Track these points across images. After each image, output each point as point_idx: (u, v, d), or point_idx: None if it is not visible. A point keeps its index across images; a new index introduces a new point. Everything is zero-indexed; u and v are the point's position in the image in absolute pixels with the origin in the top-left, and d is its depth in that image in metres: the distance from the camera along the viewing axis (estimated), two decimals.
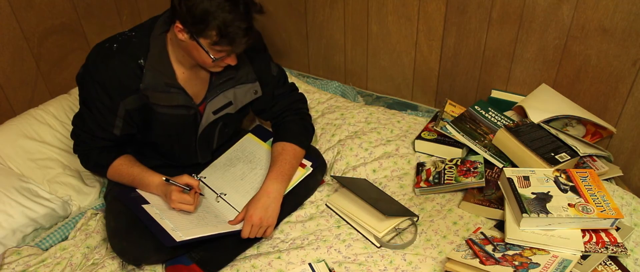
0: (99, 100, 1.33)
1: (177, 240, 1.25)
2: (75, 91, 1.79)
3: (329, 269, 1.33)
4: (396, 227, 1.43)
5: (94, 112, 1.35)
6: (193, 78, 1.39)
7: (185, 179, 1.39)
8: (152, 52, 1.32)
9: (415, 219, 1.45)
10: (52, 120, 1.68)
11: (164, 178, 1.39)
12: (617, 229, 1.31)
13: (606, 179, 1.54)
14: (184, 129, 1.44)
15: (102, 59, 1.32)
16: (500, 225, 1.38)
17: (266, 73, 1.52)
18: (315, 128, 1.82)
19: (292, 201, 1.53)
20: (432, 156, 1.66)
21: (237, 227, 1.39)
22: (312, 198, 1.58)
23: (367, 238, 1.42)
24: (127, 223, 1.37)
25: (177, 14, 1.22)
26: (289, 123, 1.56)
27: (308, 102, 1.94)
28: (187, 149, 1.51)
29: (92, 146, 1.43)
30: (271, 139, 1.58)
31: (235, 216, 1.43)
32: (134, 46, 1.32)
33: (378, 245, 1.39)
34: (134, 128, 1.40)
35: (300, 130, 1.56)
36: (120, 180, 1.46)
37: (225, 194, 1.50)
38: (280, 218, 1.49)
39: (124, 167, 1.44)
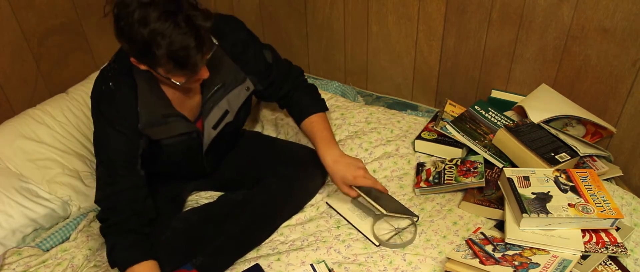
0: (118, 148, 1.25)
1: None
2: (72, 91, 1.79)
3: (329, 270, 1.33)
4: (396, 227, 1.43)
5: (118, 164, 1.27)
6: (185, 97, 1.33)
7: None
8: (140, 85, 1.24)
9: (415, 219, 1.45)
10: (50, 121, 1.67)
11: None
12: (617, 229, 1.31)
13: (606, 179, 1.54)
14: (189, 153, 1.41)
15: (106, 104, 1.25)
16: (500, 225, 1.38)
17: (263, 65, 1.46)
18: None
19: (293, 206, 1.53)
20: (432, 156, 1.66)
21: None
22: (312, 201, 1.58)
23: (366, 237, 1.42)
24: None
25: (125, 51, 1.14)
26: (300, 98, 1.53)
27: None
28: (194, 167, 1.48)
29: (121, 220, 1.27)
30: None
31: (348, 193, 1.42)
32: (125, 79, 1.24)
33: (377, 243, 1.39)
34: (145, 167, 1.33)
35: (313, 98, 1.55)
36: None
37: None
38: (280, 221, 1.50)
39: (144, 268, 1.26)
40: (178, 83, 1.17)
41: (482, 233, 1.33)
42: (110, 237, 1.29)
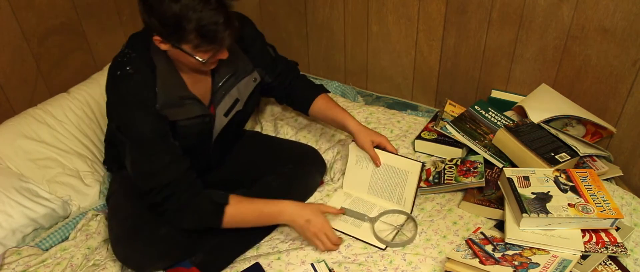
0: (148, 128, 1.26)
1: None
2: (74, 90, 1.79)
3: (329, 269, 1.33)
4: (396, 225, 1.43)
5: (152, 145, 1.27)
6: (197, 81, 1.35)
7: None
8: (159, 66, 1.27)
9: (408, 212, 1.45)
10: (51, 120, 1.67)
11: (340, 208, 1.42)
12: (617, 229, 1.31)
13: (606, 179, 1.54)
14: (200, 139, 1.42)
15: (125, 88, 1.25)
16: (500, 225, 1.38)
17: (268, 58, 1.54)
18: (316, 128, 1.82)
19: None
20: (432, 155, 1.66)
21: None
22: (311, 199, 1.58)
23: (372, 245, 1.40)
24: (130, 230, 1.35)
25: (151, 28, 1.16)
26: (302, 85, 1.63)
27: None
28: (201, 157, 1.48)
29: (184, 185, 1.30)
30: None
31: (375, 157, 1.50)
32: (144, 62, 1.26)
33: (383, 247, 1.38)
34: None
35: (312, 84, 1.65)
36: (240, 222, 1.34)
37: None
38: None
39: (243, 205, 1.33)
40: (201, 60, 1.20)
41: (482, 233, 1.33)
42: (187, 208, 1.30)
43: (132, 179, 1.32)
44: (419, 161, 1.48)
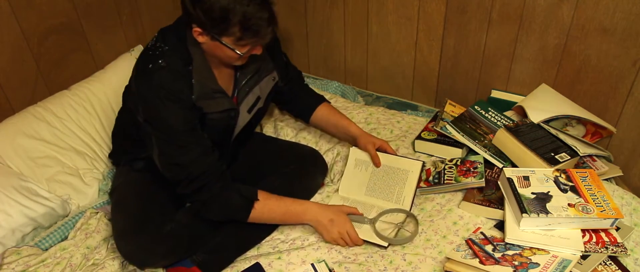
0: (179, 121, 1.27)
1: None
2: (75, 87, 1.79)
3: (329, 269, 1.33)
4: (397, 223, 1.43)
5: (182, 138, 1.28)
6: (223, 76, 1.38)
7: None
8: (196, 59, 1.29)
9: (407, 210, 1.45)
10: (51, 117, 1.66)
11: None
12: (617, 229, 1.31)
13: (606, 179, 1.54)
14: (224, 134, 1.44)
15: (158, 80, 1.26)
16: (500, 225, 1.38)
17: (283, 62, 1.60)
18: (315, 129, 1.82)
19: None
20: (432, 156, 1.66)
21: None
22: (312, 199, 1.58)
23: (374, 244, 1.40)
24: (136, 225, 1.35)
25: (193, 19, 1.20)
26: (305, 94, 1.70)
27: None
28: (220, 152, 1.48)
29: (215, 176, 1.32)
30: None
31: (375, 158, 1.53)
32: (178, 55, 1.28)
33: (386, 245, 1.38)
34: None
35: (315, 93, 1.72)
36: (267, 218, 1.39)
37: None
38: None
39: (271, 201, 1.38)
40: (240, 53, 1.24)
41: (482, 233, 1.33)
42: (219, 200, 1.34)
43: (160, 170, 1.34)
44: (420, 160, 1.49)
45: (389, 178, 1.52)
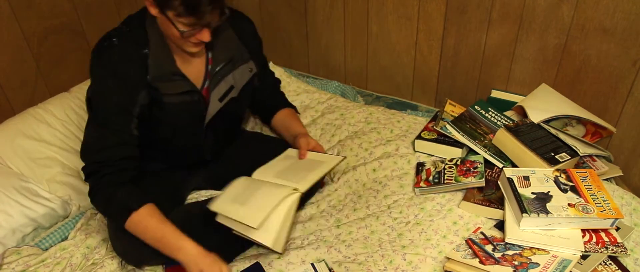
0: (114, 101, 1.28)
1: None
2: (75, 89, 1.79)
3: (329, 269, 1.33)
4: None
5: (110, 118, 1.29)
6: (186, 61, 1.37)
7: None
8: (153, 41, 1.30)
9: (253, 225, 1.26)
10: (52, 119, 1.67)
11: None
12: (617, 229, 1.31)
13: (606, 179, 1.54)
14: (191, 118, 1.43)
15: (106, 56, 1.29)
16: (500, 225, 1.38)
17: (263, 59, 1.61)
18: (315, 128, 1.82)
19: None
20: (432, 155, 1.66)
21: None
22: (312, 198, 1.58)
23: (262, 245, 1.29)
24: None
25: None
26: (275, 97, 1.71)
27: (308, 102, 1.94)
28: (193, 142, 1.49)
29: (111, 169, 1.29)
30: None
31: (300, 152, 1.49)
32: (134, 37, 1.30)
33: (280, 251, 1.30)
34: (145, 127, 1.36)
35: (286, 100, 1.73)
36: (140, 234, 1.28)
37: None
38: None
39: (152, 221, 1.27)
40: (181, 29, 1.21)
41: (482, 233, 1.33)
42: (103, 191, 1.29)
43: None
44: (342, 156, 1.48)
45: (303, 166, 1.46)
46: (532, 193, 1.31)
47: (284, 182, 1.37)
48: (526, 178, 1.36)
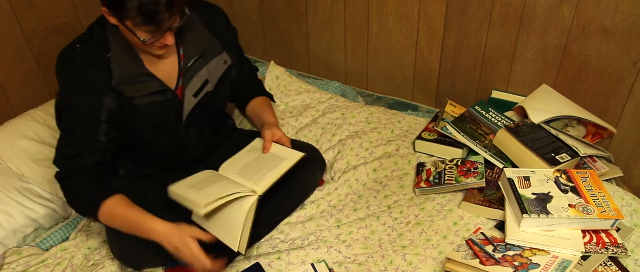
0: (79, 108, 1.29)
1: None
2: None
3: (329, 269, 1.33)
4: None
5: (76, 125, 1.30)
6: (154, 61, 1.36)
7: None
8: (114, 46, 1.29)
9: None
10: (52, 121, 1.66)
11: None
12: (618, 229, 1.31)
13: (606, 180, 1.54)
14: (167, 118, 1.41)
15: (70, 62, 1.28)
16: (500, 225, 1.38)
17: (237, 48, 1.58)
18: (316, 127, 1.82)
19: (292, 201, 1.53)
20: (433, 156, 1.66)
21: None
22: (312, 198, 1.58)
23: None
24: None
25: (102, 0, 1.20)
26: (252, 86, 1.69)
27: (309, 101, 1.94)
28: (176, 141, 1.47)
29: (82, 174, 1.33)
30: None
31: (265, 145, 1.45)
32: (96, 42, 1.29)
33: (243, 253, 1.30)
34: (117, 132, 1.36)
35: (263, 89, 1.71)
36: (113, 223, 1.32)
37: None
38: (280, 218, 1.49)
39: (120, 208, 1.30)
40: (142, 39, 1.20)
41: (482, 233, 1.33)
42: (74, 192, 1.33)
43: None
44: (303, 153, 1.42)
45: (264, 163, 1.44)
46: (533, 194, 1.31)
47: (244, 181, 1.37)
48: (526, 179, 1.36)
